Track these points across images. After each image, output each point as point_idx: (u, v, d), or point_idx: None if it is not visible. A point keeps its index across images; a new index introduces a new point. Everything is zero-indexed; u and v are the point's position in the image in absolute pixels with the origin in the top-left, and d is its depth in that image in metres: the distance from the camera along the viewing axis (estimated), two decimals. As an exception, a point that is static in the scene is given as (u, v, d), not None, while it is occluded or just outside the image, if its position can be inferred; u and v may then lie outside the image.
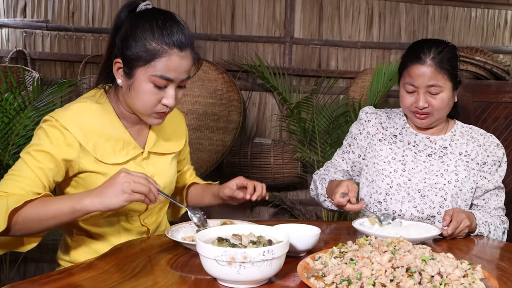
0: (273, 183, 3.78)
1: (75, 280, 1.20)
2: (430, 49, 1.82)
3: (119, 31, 1.50)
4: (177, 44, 1.46)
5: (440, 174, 1.86)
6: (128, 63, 1.47)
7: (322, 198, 2.00)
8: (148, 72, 1.45)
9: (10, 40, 3.87)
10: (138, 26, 1.46)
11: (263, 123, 4.00)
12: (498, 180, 1.90)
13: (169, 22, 1.47)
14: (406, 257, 1.14)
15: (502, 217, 1.91)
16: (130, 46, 1.46)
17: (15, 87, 2.77)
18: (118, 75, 1.51)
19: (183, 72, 1.49)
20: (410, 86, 1.84)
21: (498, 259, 1.51)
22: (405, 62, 1.87)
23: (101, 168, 1.52)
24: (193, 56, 1.51)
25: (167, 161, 1.70)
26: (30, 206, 1.34)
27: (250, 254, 1.09)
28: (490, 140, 1.93)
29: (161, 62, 1.45)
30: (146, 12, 1.50)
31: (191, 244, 1.38)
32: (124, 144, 1.57)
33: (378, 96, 3.37)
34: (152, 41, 1.45)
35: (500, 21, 4.08)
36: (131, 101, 1.52)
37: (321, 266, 1.22)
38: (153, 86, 1.47)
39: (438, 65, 1.80)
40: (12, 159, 2.70)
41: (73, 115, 1.50)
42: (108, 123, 1.55)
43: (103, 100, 1.58)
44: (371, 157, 1.97)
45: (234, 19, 3.95)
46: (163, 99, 1.50)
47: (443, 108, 1.85)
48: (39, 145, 1.45)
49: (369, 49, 4.01)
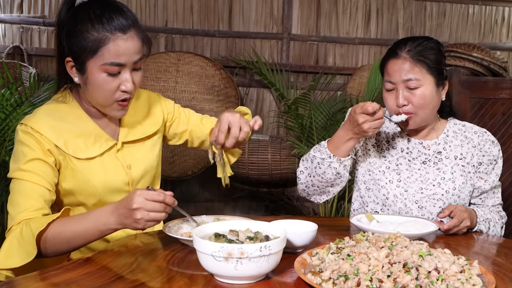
0: (270, 179, 3.79)
1: (71, 276, 1.20)
2: (406, 43, 1.77)
3: (63, 31, 1.48)
4: (118, 28, 1.44)
5: (437, 184, 1.81)
6: (77, 59, 1.46)
7: (326, 163, 1.78)
8: (98, 63, 1.44)
9: (7, 35, 3.85)
10: (77, 21, 1.45)
11: (260, 119, 3.99)
12: (495, 179, 1.87)
13: (106, 9, 1.46)
14: (403, 252, 1.14)
15: (501, 212, 1.90)
16: (75, 42, 1.44)
17: (12, 82, 2.76)
18: (73, 73, 1.50)
19: (133, 54, 1.47)
20: (388, 83, 1.78)
21: (494, 254, 1.51)
22: (383, 60, 1.83)
23: (76, 164, 1.52)
24: (139, 35, 1.49)
25: (146, 146, 1.68)
26: (54, 227, 1.35)
27: (247, 249, 1.09)
28: (485, 138, 1.87)
29: (107, 49, 1.43)
30: (83, 5, 1.48)
31: (188, 240, 1.38)
32: (96, 138, 1.56)
33: (375, 92, 3.37)
34: (93, 31, 1.43)
35: (498, 18, 4.08)
36: (91, 95, 1.51)
37: (318, 262, 1.22)
38: (106, 75, 1.45)
39: (414, 57, 1.74)
40: (9, 155, 2.69)
41: (41, 117, 1.50)
42: (76, 119, 1.55)
43: (68, 99, 1.57)
44: (365, 163, 1.91)
45: (232, 15, 3.94)
46: (121, 86, 1.48)
47: (425, 105, 1.76)
48: (25, 156, 1.45)
49: (367, 45, 4.01)
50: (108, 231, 1.35)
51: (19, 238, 1.35)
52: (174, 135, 1.84)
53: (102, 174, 1.54)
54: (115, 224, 1.33)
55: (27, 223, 1.36)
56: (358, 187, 1.94)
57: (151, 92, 1.82)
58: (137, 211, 1.27)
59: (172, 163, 3.78)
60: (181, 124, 1.84)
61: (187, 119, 1.85)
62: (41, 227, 1.32)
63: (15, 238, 1.36)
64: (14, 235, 1.37)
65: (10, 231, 1.40)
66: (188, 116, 1.85)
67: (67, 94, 1.59)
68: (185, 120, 1.85)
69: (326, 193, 1.91)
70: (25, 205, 1.40)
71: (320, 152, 1.80)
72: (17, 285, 1.12)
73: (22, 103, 2.75)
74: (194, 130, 1.84)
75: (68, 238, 1.35)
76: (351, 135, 1.74)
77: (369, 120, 1.68)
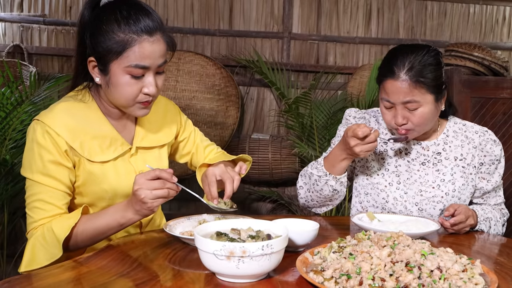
0: (271, 179, 3.78)
1: (72, 275, 1.20)
2: (404, 61, 1.67)
3: (86, 30, 1.46)
4: (145, 30, 1.42)
5: (436, 186, 1.79)
6: (101, 59, 1.44)
7: (323, 181, 1.79)
8: (122, 64, 1.42)
9: (7, 34, 3.85)
10: (103, 21, 1.43)
11: (261, 118, 3.99)
12: (498, 179, 1.85)
13: (133, 9, 1.43)
14: (406, 251, 1.13)
15: (503, 210, 1.89)
16: (100, 42, 1.42)
17: (12, 81, 2.76)
18: (95, 73, 1.48)
19: (158, 58, 1.45)
20: (386, 102, 1.73)
21: (496, 254, 1.51)
22: (380, 76, 1.75)
23: (89, 167, 1.50)
24: (165, 39, 1.47)
25: (156, 154, 1.67)
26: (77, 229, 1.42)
27: (249, 248, 1.08)
28: (486, 138, 1.84)
29: (133, 51, 1.41)
30: (109, 5, 1.45)
31: (190, 239, 1.38)
32: (112, 141, 1.54)
33: (376, 91, 3.37)
34: (120, 32, 1.41)
35: (499, 17, 4.08)
36: (112, 96, 1.49)
37: (320, 260, 1.21)
38: (130, 77, 1.44)
39: (414, 79, 1.65)
40: (9, 154, 2.69)
41: (59, 115, 1.48)
42: (93, 121, 1.53)
43: (87, 99, 1.55)
44: (362, 167, 1.89)
45: (232, 14, 3.94)
46: (143, 88, 1.46)
47: (424, 123, 1.73)
48: (42, 158, 1.44)
49: (367, 44, 4.00)
50: (127, 223, 1.42)
51: (43, 242, 1.41)
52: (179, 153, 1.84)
53: (114, 179, 1.53)
54: (132, 213, 1.40)
55: (48, 227, 1.41)
56: (358, 192, 1.92)
57: (169, 101, 1.80)
58: (138, 191, 1.34)
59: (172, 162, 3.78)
60: (188, 145, 1.83)
61: (193, 140, 1.84)
62: (66, 232, 1.38)
63: (38, 242, 1.43)
64: (36, 239, 1.43)
65: (30, 235, 1.45)
66: (195, 138, 1.84)
67: (86, 94, 1.56)
68: (192, 142, 1.84)
69: (325, 206, 1.92)
70: (43, 211, 1.45)
71: (317, 170, 1.81)
72: (17, 284, 1.12)
73: (23, 102, 2.75)
74: (196, 155, 1.84)
75: (91, 235, 1.43)
76: (344, 155, 1.74)
77: (360, 143, 1.67)
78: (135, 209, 1.38)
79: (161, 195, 1.34)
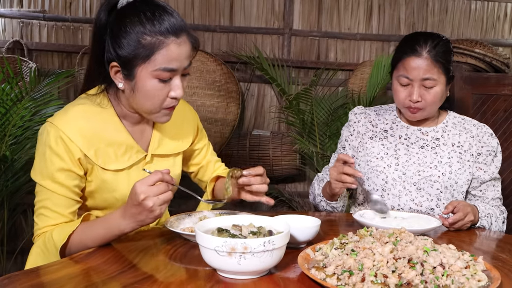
0: (271, 175, 3.77)
1: (72, 271, 1.19)
2: (426, 42, 1.80)
3: (104, 33, 1.40)
4: (172, 32, 1.37)
5: (434, 166, 1.86)
6: (126, 64, 1.38)
7: (319, 199, 1.95)
8: (149, 68, 1.37)
9: (7, 30, 3.83)
10: (126, 23, 1.36)
11: (261, 114, 3.98)
12: (495, 171, 1.90)
13: (157, 10, 1.38)
14: (408, 248, 1.13)
15: (501, 206, 1.91)
16: (123, 46, 1.36)
17: (12, 77, 2.75)
18: (117, 79, 1.42)
19: (184, 59, 1.41)
20: (404, 78, 1.82)
21: (498, 251, 1.50)
22: (400, 54, 1.85)
23: (103, 174, 1.47)
24: (190, 40, 1.42)
25: (171, 162, 1.63)
26: (75, 235, 1.38)
27: (250, 244, 1.08)
28: (484, 131, 1.92)
29: (161, 54, 1.36)
30: (129, 6, 1.39)
31: (191, 235, 1.37)
32: (127, 148, 1.50)
33: (377, 88, 3.36)
34: (146, 35, 1.35)
35: (500, 14, 4.06)
36: (138, 102, 1.43)
37: (321, 257, 1.21)
38: (158, 81, 1.39)
39: (434, 58, 1.79)
40: (9, 150, 2.69)
41: (74, 119, 1.43)
42: (109, 127, 1.48)
43: (104, 103, 1.49)
44: (363, 155, 1.96)
45: (233, 10, 3.92)
46: (171, 92, 1.42)
47: (435, 103, 1.84)
48: (53, 165, 1.40)
49: (368, 41, 3.99)
50: (122, 233, 1.36)
51: (44, 249, 1.42)
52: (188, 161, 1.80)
53: (126, 188, 1.45)
54: (130, 226, 1.33)
55: (49, 234, 1.40)
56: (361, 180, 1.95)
57: (188, 105, 1.74)
58: (146, 200, 1.26)
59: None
60: (199, 156, 1.80)
61: (205, 154, 1.81)
62: (63, 240, 1.36)
63: (40, 249, 1.43)
64: (38, 247, 1.44)
65: (35, 241, 1.46)
66: (206, 152, 1.81)
67: (104, 98, 1.50)
68: (204, 155, 1.81)
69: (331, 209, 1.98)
70: (48, 218, 1.43)
71: (318, 187, 1.98)
72: (17, 280, 1.12)
73: (23, 98, 2.75)
74: (205, 168, 1.81)
75: (89, 245, 1.37)
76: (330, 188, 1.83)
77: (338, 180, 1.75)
78: (138, 219, 1.31)
79: (167, 199, 1.29)
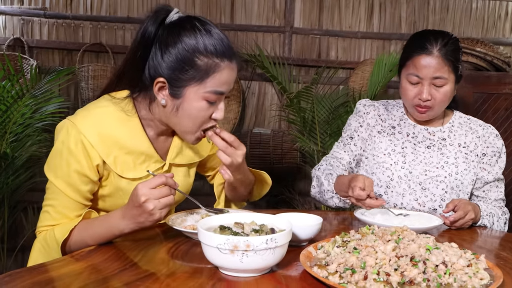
0: (272, 173, 3.76)
1: (74, 268, 1.19)
2: (436, 40, 1.77)
3: (150, 45, 1.36)
4: (227, 56, 1.35)
5: (440, 167, 1.85)
6: (176, 82, 1.35)
7: (329, 195, 1.85)
8: (200, 90, 1.35)
9: (7, 27, 3.83)
10: (181, 41, 1.33)
11: (262, 112, 3.98)
12: (498, 172, 1.88)
13: (211, 31, 1.36)
14: (410, 246, 1.13)
15: (503, 208, 1.90)
16: (177, 65, 1.34)
17: (13, 74, 2.75)
18: (161, 95, 1.38)
19: (232, 83, 1.40)
20: (414, 77, 1.79)
21: (500, 249, 1.51)
22: (409, 52, 1.82)
23: (119, 182, 1.46)
24: (238, 64, 1.41)
25: (185, 171, 1.61)
26: (76, 233, 1.38)
27: (253, 242, 1.08)
28: (489, 131, 1.91)
29: (215, 77, 1.34)
30: (182, 23, 1.36)
31: (192, 233, 1.37)
32: (146, 158, 1.48)
33: (378, 86, 3.36)
34: (202, 56, 1.33)
35: (501, 13, 4.06)
36: (178, 120, 1.40)
37: (323, 255, 1.21)
38: (206, 103, 1.37)
39: (445, 56, 1.75)
40: (10, 147, 2.68)
41: (96, 122, 1.41)
42: (131, 135, 1.45)
43: (129, 109, 1.45)
44: (371, 149, 1.94)
45: (234, 8, 3.92)
46: (214, 114, 1.40)
47: (445, 102, 1.81)
48: (69, 166, 1.39)
49: (369, 39, 3.99)
50: (121, 234, 1.35)
51: (45, 246, 1.42)
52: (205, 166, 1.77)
53: None
54: (129, 227, 1.32)
55: (51, 232, 1.40)
56: (365, 171, 1.95)
57: None
58: (147, 203, 1.24)
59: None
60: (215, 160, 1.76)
61: None
62: (64, 235, 1.35)
63: (42, 245, 1.43)
64: (40, 243, 1.44)
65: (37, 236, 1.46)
66: None
67: (130, 103, 1.46)
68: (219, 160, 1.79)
69: None
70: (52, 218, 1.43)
71: (328, 183, 1.84)
72: (18, 277, 1.11)
73: (23, 95, 2.74)
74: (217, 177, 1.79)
75: (88, 242, 1.37)
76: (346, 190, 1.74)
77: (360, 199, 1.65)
78: (138, 221, 1.29)
79: (168, 203, 1.27)
